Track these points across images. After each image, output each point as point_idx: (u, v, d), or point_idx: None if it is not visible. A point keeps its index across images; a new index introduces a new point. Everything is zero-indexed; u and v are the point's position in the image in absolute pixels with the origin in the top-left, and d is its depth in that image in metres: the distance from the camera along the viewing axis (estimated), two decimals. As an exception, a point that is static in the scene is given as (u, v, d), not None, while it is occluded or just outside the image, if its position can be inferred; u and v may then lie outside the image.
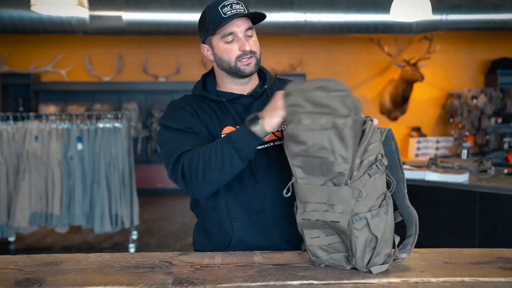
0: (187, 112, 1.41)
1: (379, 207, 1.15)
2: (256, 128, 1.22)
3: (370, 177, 1.13)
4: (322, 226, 1.17)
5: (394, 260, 1.20)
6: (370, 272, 1.15)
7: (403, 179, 1.23)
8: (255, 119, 1.22)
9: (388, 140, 1.22)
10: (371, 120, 1.16)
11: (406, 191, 1.24)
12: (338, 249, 1.19)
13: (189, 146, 1.32)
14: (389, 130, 1.22)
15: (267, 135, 1.23)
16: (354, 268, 1.18)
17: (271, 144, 1.41)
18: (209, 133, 1.39)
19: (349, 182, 1.11)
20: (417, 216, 1.23)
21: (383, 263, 1.16)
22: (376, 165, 1.13)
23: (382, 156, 1.15)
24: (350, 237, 1.13)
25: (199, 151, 1.28)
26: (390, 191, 1.20)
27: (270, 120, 1.21)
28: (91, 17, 5.95)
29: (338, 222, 1.13)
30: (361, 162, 1.12)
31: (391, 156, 1.23)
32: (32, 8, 4.33)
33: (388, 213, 1.16)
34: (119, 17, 6.02)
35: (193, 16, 6.01)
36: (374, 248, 1.14)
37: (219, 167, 1.25)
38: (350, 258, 1.16)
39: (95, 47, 7.57)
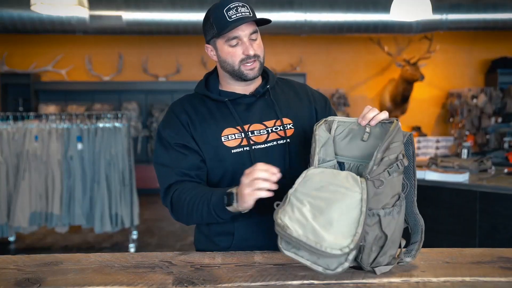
0: (182, 123, 1.42)
1: (393, 206, 1.15)
2: (230, 208, 1.24)
3: (390, 175, 1.13)
4: None
5: (398, 262, 1.19)
6: (373, 271, 1.15)
7: (415, 185, 1.23)
8: (231, 199, 1.22)
9: (407, 144, 1.22)
10: (397, 120, 1.18)
11: (416, 198, 1.23)
12: None
13: (177, 176, 1.38)
14: (410, 134, 1.22)
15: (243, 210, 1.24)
16: (356, 267, 1.18)
17: (275, 143, 1.41)
18: (207, 140, 1.40)
19: (368, 177, 1.12)
20: (423, 224, 1.23)
21: (387, 264, 1.16)
22: (397, 164, 1.13)
23: (403, 156, 1.15)
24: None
25: (184, 199, 1.34)
26: (404, 193, 1.21)
27: (243, 204, 1.20)
28: (91, 16, 5.95)
29: None
30: (382, 159, 1.13)
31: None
32: (32, 7, 4.33)
33: (400, 214, 1.17)
34: (119, 17, 6.02)
35: (193, 16, 6.01)
36: (381, 247, 1.14)
37: (200, 220, 1.34)
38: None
39: (95, 47, 7.56)
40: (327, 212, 1.07)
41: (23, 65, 7.48)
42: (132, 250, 4.47)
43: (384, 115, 1.24)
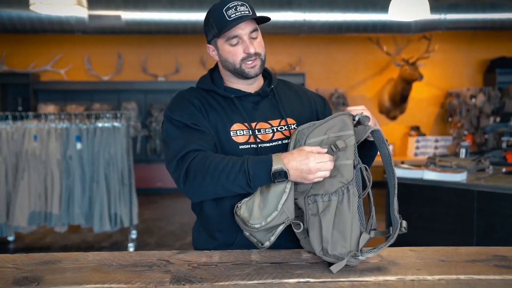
0: (195, 107, 1.40)
1: (333, 193, 1.20)
2: (278, 181, 1.23)
3: None
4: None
5: (353, 256, 1.18)
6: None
7: (395, 185, 1.23)
8: (282, 175, 1.21)
9: (379, 142, 1.26)
10: (352, 115, 1.27)
11: (395, 198, 1.23)
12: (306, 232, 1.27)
13: (196, 145, 1.32)
14: (376, 131, 1.24)
15: None
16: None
17: (280, 142, 1.42)
18: (216, 131, 1.39)
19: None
20: (398, 227, 1.21)
21: (339, 256, 1.17)
22: (331, 147, 1.22)
23: (345, 144, 1.22)
24: (305, 217, 1.23)
25: (211, 161, 1.27)
26: (365, 191, 1.25)
27: (296, 179, 1.23)
28: (90, 16, 5.95)
29: (297, 199, 1.25)
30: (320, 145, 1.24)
31: (385, 161, 1.26)
32: (31, 7, 4.34)
33: (344, 204, 1.20)
34: (118, 17, 6.02)
35: (192, 16, 6.01)
36: (323, 236, 1.18)
37: (224, 186, 1.27)
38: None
39: (94, 47, 7.57)
40: (266, 197, 1.24)
41: (22, 65, 7.48)
42: (131, 249, 4.48)
43: (366, 112, 1.31)
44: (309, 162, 1.19)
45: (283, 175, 1.21)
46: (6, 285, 1.09)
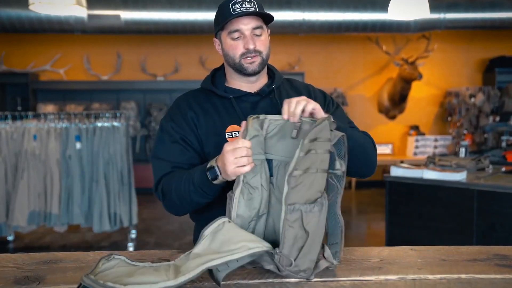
0: (186, 121, 1.44)
1: (313, 202, 1.10)
2: (216, 181, 1.26)
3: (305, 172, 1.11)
4: None
5: (328, 267, 1.15)
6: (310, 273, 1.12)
7: (342, 186, 1.18)
8: (214, 173, 1.25)
9: (339, 145, 1.17)
10: (328, 119, 1.14)
11: (340, 198, 1.19)
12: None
13: (169, 168, 1.41)
14: (343, 136, 1.16)
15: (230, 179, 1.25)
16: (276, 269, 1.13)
17: None
18: (211, 135, 1.41)
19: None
20: (343, 225, 1.17)
21: (306, 269, 1.10)
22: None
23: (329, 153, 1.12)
24: (282, 227, 1.10)
25: (173, 181, 1.37)
26: (332, 196, 1.17)
27: (227, 178, 1.24)
28: (90, 16, 5.94)
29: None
30: (306, 155, 1.10)
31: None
32: (31, 7, 4.34)
33: (322, 214, 1.11)
34: (118, 16, 6.02)
35: (191, 15, 6.01)
36: (301, 248, 1.09)
37: (190, 199, 1.35)
38: (275, 254, 1.10)
39: (94, 46, 7.56)
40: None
41: (22, 64, 7.47)
42: (130, 249, 4.48)
43: (312, 105, 1.21)
44: (224, 149, 1.20)
45: (213, 171, 1.25)
46: (7, 285, 1.09)
